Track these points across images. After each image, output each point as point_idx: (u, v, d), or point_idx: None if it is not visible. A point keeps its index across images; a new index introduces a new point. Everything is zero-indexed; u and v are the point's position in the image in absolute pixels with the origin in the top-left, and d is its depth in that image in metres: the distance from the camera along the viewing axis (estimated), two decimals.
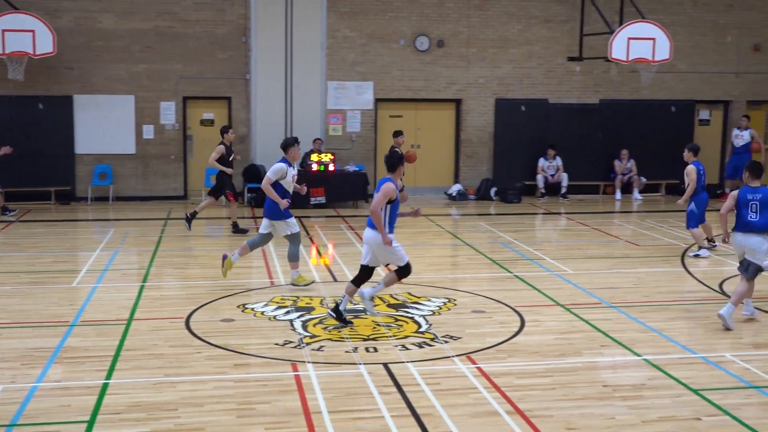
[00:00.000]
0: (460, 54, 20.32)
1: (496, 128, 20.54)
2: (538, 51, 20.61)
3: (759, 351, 8.85)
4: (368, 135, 20.22)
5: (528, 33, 20.52)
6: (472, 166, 20.75)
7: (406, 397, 7.37)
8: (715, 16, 21.15)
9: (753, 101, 21.75)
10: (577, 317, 10.04)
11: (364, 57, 19.96)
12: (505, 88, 20.62)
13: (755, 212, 9.59)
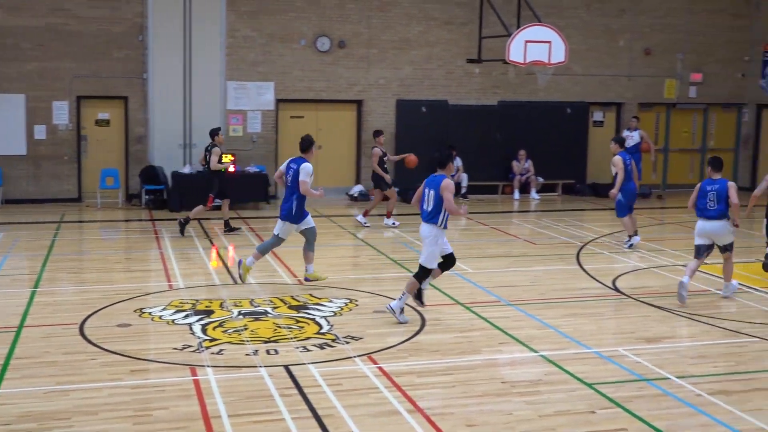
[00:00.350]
0: (361, 55, 20.38)
1: (397, 129, 20.66)
2: (438, 53, 20.83)
3: (650, 345, 9.15)
4: (269, 136, 20.07)
5: (428, 35, 20.72)
6: (371, 167, 20.79)
7: (307, 398, 7.34)
8: (607, 21, 21.78)
9: (644, 103, 22.49)
10: (476, 315, 10.18)
11: (264, 57, 19.80)
12: (406, 90, 20.77)
13: (712, 202, 10.80)
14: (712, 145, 23.32)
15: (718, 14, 22.47)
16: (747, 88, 22.96)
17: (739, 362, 8.65)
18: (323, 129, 20.61)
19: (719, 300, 11.20)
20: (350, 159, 20.97)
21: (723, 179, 10.97)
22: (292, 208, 11.16)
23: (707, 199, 10.88)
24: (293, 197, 11.15)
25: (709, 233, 10.95)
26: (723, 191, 10.80)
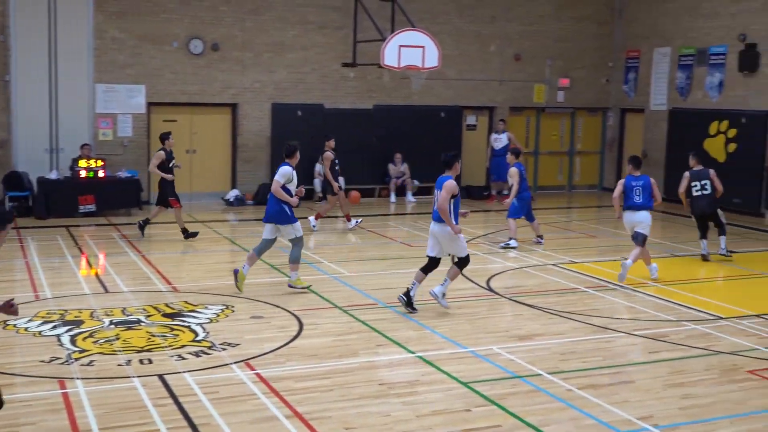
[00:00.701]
0: (236, 58, 20.13)
1: (273, 133, 20.52)
2: (314, 57, 20.80)
3: (523, 343, 9.39)
4: (141, 140, 19.57)
5: (303, 39, 20.66)
6: (250, 171, 20.59)
7: (183, 408, 7.19)
8: (479, 27, 22.25)
9: (515, 107, 23.08)
10: (354, 318, 10.21)
11: (135, 59, 19.30)
12: (281, 93, 20.65)
13: (639, 195, 12.33)
14: (580, 147, 24.15)
15: (584, 22, 23.30)
16: (611, 93, 23.89)
17: (606, 357, 8.97)
18: (197, 133, 20.26)
19: (588, 297, 11.60)
20: (226, 163, 20.68)
21: (645, 175, 12.57)
22: (279, 209, 11.39)
23: (633, 192, 12.40)
24: (279, 200, 11.42)
25: (635, 222, 12.39)
26: (648, 186, 12.37)
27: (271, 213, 11.48)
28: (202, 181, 20.15)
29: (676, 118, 21.43)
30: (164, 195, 15.20)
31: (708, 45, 20.63)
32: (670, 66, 21.85)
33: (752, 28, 19.39)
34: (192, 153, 20.16)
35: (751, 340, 9.62)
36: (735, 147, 19.47)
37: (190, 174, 19.90)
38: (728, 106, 20.06)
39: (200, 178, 20.10)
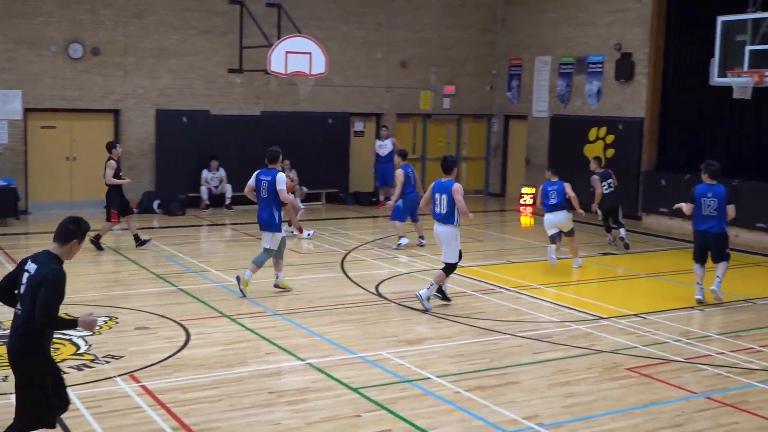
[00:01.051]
0: (118, 63, 19.64)
1: (157, 139, 20.09)
2: (199, 62, 20.49)
3: (412, 347, 9.47)
4: (17, 147, 18.83)
5: (187, 43, 20.33)
6: (134, 178, 20.00)
7: (64, 424, 6.94)
8: (365, 33, 22.38)
9: (402, 114, 23.30)
10: (243, 327, 10.10)
11: (10, 64, 18.57)
12: (166, 99, 20.25)
13: (554, 198, 13.71)
14: (466, 153, 24.56)
15: (468, 30, 23.74)
16: (495, 100, 24.41)
17: (493, 359, 9.15)
18: (77, 140, 19.64)
19: (475, 301, 11.80)
20: None
21: (560, 181, 13.89)
22: (272, 217, 11.62)
23: (549, 196, 13.75)
24: (271, 207, 11.62)
25: (556, 223, 13.77)
26: (561, 189, 13.75)
27: (265, 221, 11.73)
28: (84, 189, 19.52)
29: (557, 125, 22.07)
30: (114, 204, 14.90)
31: (586, 54, 21.33)
32: (550, 74, 22.49)
33: (627, 38, 20.15)
34: (72, 160, 19.55)
35: (630, 338, 9.97)
36: (613, 152, 20.17)
37: (71, 182, 19.31)
38: (606, 113, 20.77)
39: (81, 187, 19.49)
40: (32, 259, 5.96)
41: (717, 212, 11.58)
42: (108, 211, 15.01)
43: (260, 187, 11.83)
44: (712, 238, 11.67)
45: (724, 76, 15.26)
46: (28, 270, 5.87)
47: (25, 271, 5.89)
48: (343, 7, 21.95)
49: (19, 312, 5.85)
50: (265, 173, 11.88)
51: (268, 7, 20.37)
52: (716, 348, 9.62)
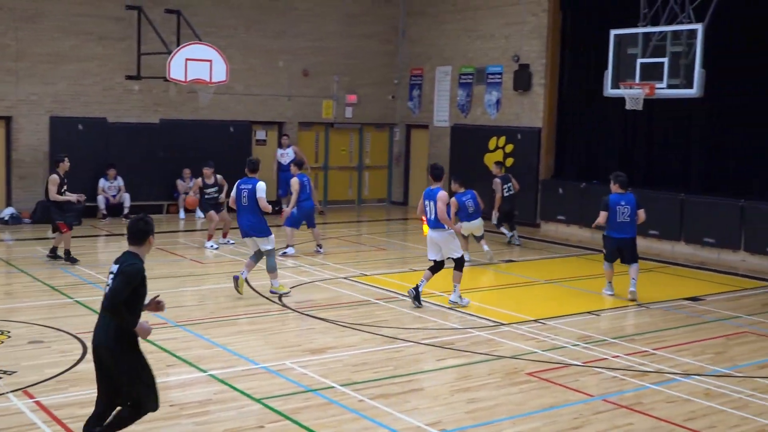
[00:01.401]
0: (8, 68, 18.99)
1: (51, 148, 19.46)
2: (95, 68, 20.00)
3: (315, 356, 9.44)
4: None
5: (83, 49, 19.82)
6: (26, 187, 19.44)
7: None
8: (267, 42, 22.25)
9: (304, 123, 23.25)
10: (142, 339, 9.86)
11: None
12: (60, 106, 19.68)
13: (472, 208, 14.51)
14: (368, 163, 24.68)
15: (369, 40, 23.87)
16: (397, 110, 24.61)
17: (397, 366, 9.19)
18: None
19: (378, 309, 11.84)
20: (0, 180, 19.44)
21: (470, 190, 14.73)
22: (254, 223, 12.12)
23: (468, 208, 14.57)
24: (254, 214, 12.10)
25: (471, 229, 14.79)
26: (475, 197, 14.73)
27: (247, 227, 12.14)
28: None
29: (458, 134, 22.39)
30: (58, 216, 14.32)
31: (485, 65, 21.73)
32: (451, 84, 22.81)
33: (524, 50, 20.61)
34: None
35: (529, 344, 10.17)
36: (512, 161, 20.57)
37: None
38: (505, 122, 21.18)
39: None
40: (115, 261, 6.34)
41: (630, 218, 12.58)
42: (54, 224, 14.46)
43: (240, 195, 12.28)
44: (629, 242, 12.72)
45: (617, 87, 15.76)
46: (112, 271, 6.25)
47: (110, 274, 6.27)
48: (243, 15, 21.78)
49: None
50: (246, 182, 12.35)
51: (166, 14, 20.08)
52: (612, 351, 9.90)
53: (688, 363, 9.55)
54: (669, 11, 15.19)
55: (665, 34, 14.97)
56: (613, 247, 12.77)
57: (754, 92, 16.79)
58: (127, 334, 6.20)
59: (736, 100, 17.02)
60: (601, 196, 17.62)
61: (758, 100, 16.73)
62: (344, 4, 23.32)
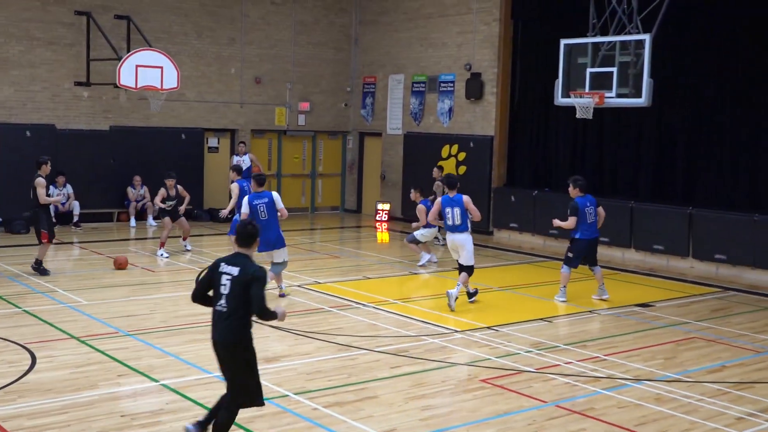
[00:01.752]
0: None
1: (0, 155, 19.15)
2: (43, 74, 19.70)
3: (269, 364, 9.37)
4: None
5: (30, 55, 19.51)
6: None
7: None
8: (218, 49, 22.13)
9: (257, 130, 23.15)
10: (93, 349, 9.74)
11: None
12: (7, 112, 19.34)
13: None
14: (322, 170, 24.64)
15: (322, 47, 23.86)
16: (350, 117, 24.63)
17: (351, 374, 9.17)
18: None
19: (332, 317, 11.81)
20: None
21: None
22: (280, 234, 12.56)
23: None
24: (275, 226, 12.47)
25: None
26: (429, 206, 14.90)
27: (275, 240, 12.44)
28: None
29: (411, 142, 22.46)
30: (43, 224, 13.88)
31: (438, 73, 21.85)
32: (404, 92, 22.89)
33: (476, 59, 20.77)
34: None
35: (483, 350, 10.23)
36: (465, 169, 20.70)
37: None
38: (458, 130, 21.31)
39: None
40: (226, 261, 6.74)
41: (595, 218, 13.07)
42: (38, 232, 14.01)
43: (258, 210, 12.42)
44: (596, 243, 13.25)
45: (568, 96, 15.94)
46: (228, 272, 6.66)
47: (224, 274, 6.68)
48: (195, 22, 21.63)
49: (224, 309, 6.64)
50: (258, 197, 12.55)
51: (116, 19, 19.89)
52: (565, 358, 10.00)
53: (639, 368, 9.68)
54: (617, 21, 15.42)
55: (614, 44, 15.19)
56: (583, 249, 13.02)
57: (699, 101, 17.14)
58: (249, 333, 6.72)
59: (683, 109, 17.36)
60: (553, 203, 17.89)
61: (704, 110, 17.08)
62: (297, 12, 23.29)
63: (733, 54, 16.62)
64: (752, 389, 8.97)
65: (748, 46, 16.40)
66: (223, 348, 6.72)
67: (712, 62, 16.94)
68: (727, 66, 16.74)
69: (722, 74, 16.84)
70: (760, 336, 11.35)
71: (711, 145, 17.03)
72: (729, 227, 15.94)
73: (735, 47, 16.59)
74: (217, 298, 6.69)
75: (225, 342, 6.68)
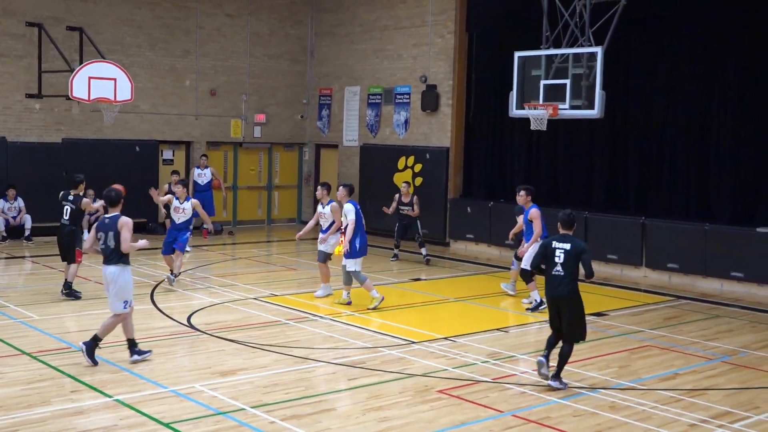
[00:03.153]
0: None
1: None
2: None
3: (225, 378, 9.31)
4: None
5: None
6: None
7: None
8: (173, 60, 21.97)
9: (212, 142, 23.01)
10: (45, 365, 9.58)
11: None
12: None
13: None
14: (278, 182, 24.57)
15: (277, 59, 23.82)
16: (306, 129, 24.59)
17: (308, 387, 9.14)
18: None
19: (289, 329, 11.76)
20: None
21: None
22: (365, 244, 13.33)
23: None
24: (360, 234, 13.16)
25: None
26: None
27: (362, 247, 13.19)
28: None
29: (367, 154, 22.50)
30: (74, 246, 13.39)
31: (394, 85, 21.93)
32: (360, 104, 22.93)
33: (432, 71, 20.89)
34: None
35: (440, 361, 10.26)
36: (421, 181, 20.78)
37: None
38: (414, 142, 21.40)
39: None
40: (557, 240, 9.33)
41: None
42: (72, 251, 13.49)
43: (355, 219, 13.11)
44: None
45: (522, 108, 16.09)
46: (562, 248, 9.24)
47: (558, 248, 9.25)
48: (148, 34, 21.46)
49: (561, 273, 9.21)
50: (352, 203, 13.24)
51: (68, 31, 19.68)
52: (521, 368, 10.06)
53: (594, 377, 9.78)
54: (570, 34, 15.61)
55: (567, 56, 15.37)
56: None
57: (650, 113, 17.42)
58: (578, 289, 9.26)
59: (636, 121, 17.63)
60: (509, 214, 18.05)
61: (655, 121, 17.36)
62: (252, 23, 23.24)
63: (684, 67, 16.93)
64: (704, 396, 9.11)
65: (698, 59, 16.72)
66: (561, 302, 9.18)
67: (663, 75, 17.24)
68: (677, 79, 17.04)
69: (672, 87, 17.14)
70: (711, 343, 11.54)
71: (663, 156, 17.31)
72: (681, 237, 16.19)
73: (685, 60, 16.90)
74: (553, 266, 9.20)
75: (561, 296, 9.17)
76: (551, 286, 9.27)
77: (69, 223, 13.49)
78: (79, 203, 13.51)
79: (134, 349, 9.81)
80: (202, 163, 21.26)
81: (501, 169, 20.22)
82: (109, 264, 9.69)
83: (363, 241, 13.24)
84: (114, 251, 9.64)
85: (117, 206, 9.93)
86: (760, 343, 11.61)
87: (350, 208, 13.10)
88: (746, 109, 16.12)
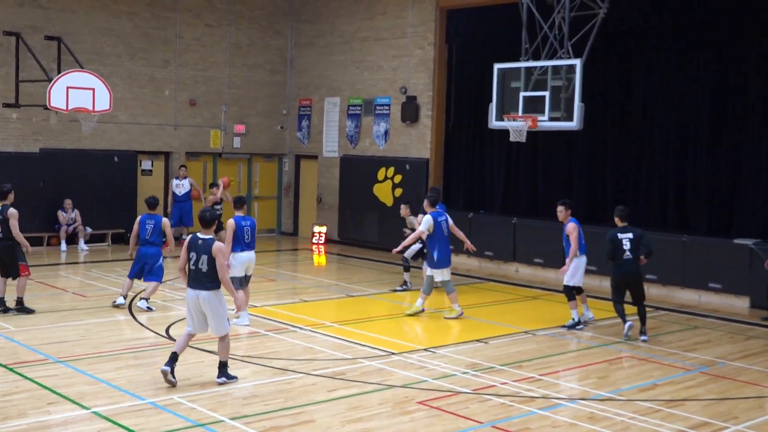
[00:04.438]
0: None
1: None
2: None
3: (204, 390, 9.25)
4: None
5: None
6: None
7: None
8: (152, 70, 21.90)
9: (192, 152, 22.92)
10: (21, 376, 9.49)
11: None
12: None
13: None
14: (257, 193, 24.51)
15: (257, 70, 23.80)
16: (286, 140, 24.57)
17: (288, 398, 9.10)
18: None
19: (269, 340, 11.72)
20: None
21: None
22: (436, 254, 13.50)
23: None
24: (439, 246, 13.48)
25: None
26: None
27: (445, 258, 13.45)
28: None
29: (347, 165, 22.50)
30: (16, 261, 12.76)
31: (374, 96, 21.96)
32: (340, 115, 22.94)
33: (412, 82, 20.95)
34: None
35: (420, 372, 10.25)
36: (401, 192, 20.80)
37: None
38: (393, 153, 21.42)
39: None
40: (620, 231, 12.01)
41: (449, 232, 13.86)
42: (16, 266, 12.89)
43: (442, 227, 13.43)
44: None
45: (502, 120, 16.16)
46: (626, 237, 11.97)
47: (624, 238, 11.95)
48: (127, 43, 21.39)
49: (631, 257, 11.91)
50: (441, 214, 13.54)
51: (47, 40, 19.56)
52: (500, 378, 10.07)
53: (573, 388, 9.81)
54: (549, 46, 15.71)
55: (546, 68, 15.46)
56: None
57: (628, 125, 17.56)
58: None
59: (614, 133, 17.76)
60: (485, 225, 18.08)
61: (632, 133, 17.50)
62: (232, 34, 23.22)
63: (661, 79, 17.07)
64: (683, 406, 9.15)
65: (675, 72, 16.87)
66: (633, 279, 12.06)
67: (640, 87, 17.38)
68: (654, 91, 17.19)
69: (649, 99, 17.28)
70: (689, 354, 11.60)
71: (640, 167, 17.42)
72: (659, 248, 16.17)
73: (662, 72, 17.04)
74: (623, 253, 11.89)
75: (635, 274, 12.05)
76: (623, 269, 12.00)
77: (2, 237, 12.80)
78: (6, 213, 12.74)
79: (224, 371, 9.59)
80: (180, 174, 21.20)
81: (480, 181, 20.27)
82: (199, 289, 9.34)
83: (443, 252, 13.42)
84: (206, 276, 9.30)
85: (211, 227, 9.55)
86: (738, 354, 11.70)
87: (425, 219, 13.48)
88: (722, 121, 16.27)
